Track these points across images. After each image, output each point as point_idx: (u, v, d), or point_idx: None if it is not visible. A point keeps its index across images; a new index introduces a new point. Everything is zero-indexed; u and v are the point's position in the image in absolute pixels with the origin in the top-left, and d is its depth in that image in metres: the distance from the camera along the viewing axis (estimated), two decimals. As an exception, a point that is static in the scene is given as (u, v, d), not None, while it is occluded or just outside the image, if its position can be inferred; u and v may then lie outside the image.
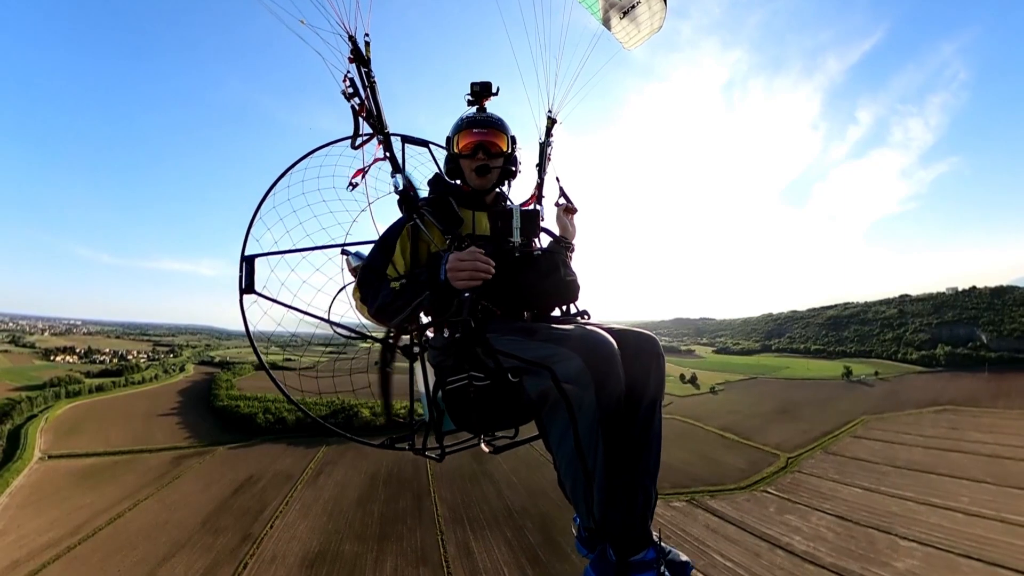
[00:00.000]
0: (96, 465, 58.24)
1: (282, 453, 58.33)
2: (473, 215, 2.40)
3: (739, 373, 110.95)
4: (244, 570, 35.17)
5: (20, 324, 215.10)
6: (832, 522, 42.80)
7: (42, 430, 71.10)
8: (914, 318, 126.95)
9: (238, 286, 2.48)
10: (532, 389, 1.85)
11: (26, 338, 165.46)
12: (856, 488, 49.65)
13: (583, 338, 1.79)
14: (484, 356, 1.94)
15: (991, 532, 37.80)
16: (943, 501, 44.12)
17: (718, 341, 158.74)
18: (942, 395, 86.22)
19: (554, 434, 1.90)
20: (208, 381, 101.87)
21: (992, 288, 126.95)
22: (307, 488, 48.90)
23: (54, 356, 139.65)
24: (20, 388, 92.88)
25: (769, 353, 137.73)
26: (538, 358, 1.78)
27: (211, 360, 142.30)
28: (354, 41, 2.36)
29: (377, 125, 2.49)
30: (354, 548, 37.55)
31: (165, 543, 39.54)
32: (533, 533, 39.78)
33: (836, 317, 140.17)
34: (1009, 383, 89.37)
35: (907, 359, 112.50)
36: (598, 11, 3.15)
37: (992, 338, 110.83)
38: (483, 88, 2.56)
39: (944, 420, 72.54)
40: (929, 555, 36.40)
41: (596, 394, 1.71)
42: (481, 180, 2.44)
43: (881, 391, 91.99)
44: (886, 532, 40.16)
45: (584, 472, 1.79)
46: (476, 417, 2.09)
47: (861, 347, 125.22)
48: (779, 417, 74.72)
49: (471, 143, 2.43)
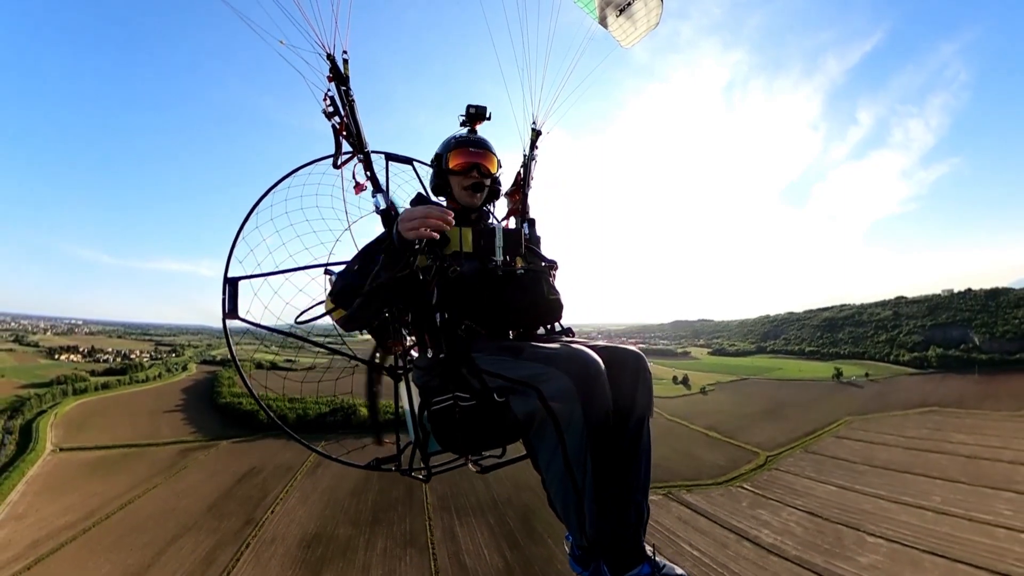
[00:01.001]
0: (106, 457, 61.97)
1: (283, 448, 61.75)
2: (460, 232, 2.39)
3: (732, 374, 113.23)
4: (247, 550, 38.80)
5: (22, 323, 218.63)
6: (802, 517, 44.85)
7: (52, 425, 74.57)
8: (908, 320, 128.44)
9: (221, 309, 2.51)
10: (519, 409, 1.86)
11: (29, 337, 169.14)
12: (830, 486, 51.42)
13: (569, 357, 1.81)
14: (469, 376, 1.97)
15: (958, 530, 39.42)
16: (915, 500, 45.76)
17: (715, 343, 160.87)
18: (930, 397, 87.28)
19: (543, 454, 1.88)
20: (210, 379, 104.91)
21: (987, 290, 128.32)
22: (306, 479, 52.46)
23: (58, 355, 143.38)
24: (28, 385, 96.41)
25: (764, 355, 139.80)
26: (525, 378, 1.82)
27: (213, 359, 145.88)
28: (333, 60, 2.37)
29: (357, 144, 2.49)
30: (348, 531, 41.08)
31: (173, 526, 43.16)
32: (514, 521, 43.08)
33: (831, 319, 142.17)
34: (998, 385, 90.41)
35: (899, 361, 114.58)
36: (594, 10, 3.18)
37: (984, 340, 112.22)
38: (479, 111, 2.66)
39: (928, 421, 73.66)
40: (894, 551, 38.01)
41: (584, 412, 1.73)
42: (471, 198, 2.52)
43: (870, 392, 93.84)
44: (854, 528, 41.87)
45: (574, 490, 1.80)
46: (462, 438, 2.09)
47: (855, 349, 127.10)
48: (765, 417, 77.03)
49: (466, 162, 2.50)
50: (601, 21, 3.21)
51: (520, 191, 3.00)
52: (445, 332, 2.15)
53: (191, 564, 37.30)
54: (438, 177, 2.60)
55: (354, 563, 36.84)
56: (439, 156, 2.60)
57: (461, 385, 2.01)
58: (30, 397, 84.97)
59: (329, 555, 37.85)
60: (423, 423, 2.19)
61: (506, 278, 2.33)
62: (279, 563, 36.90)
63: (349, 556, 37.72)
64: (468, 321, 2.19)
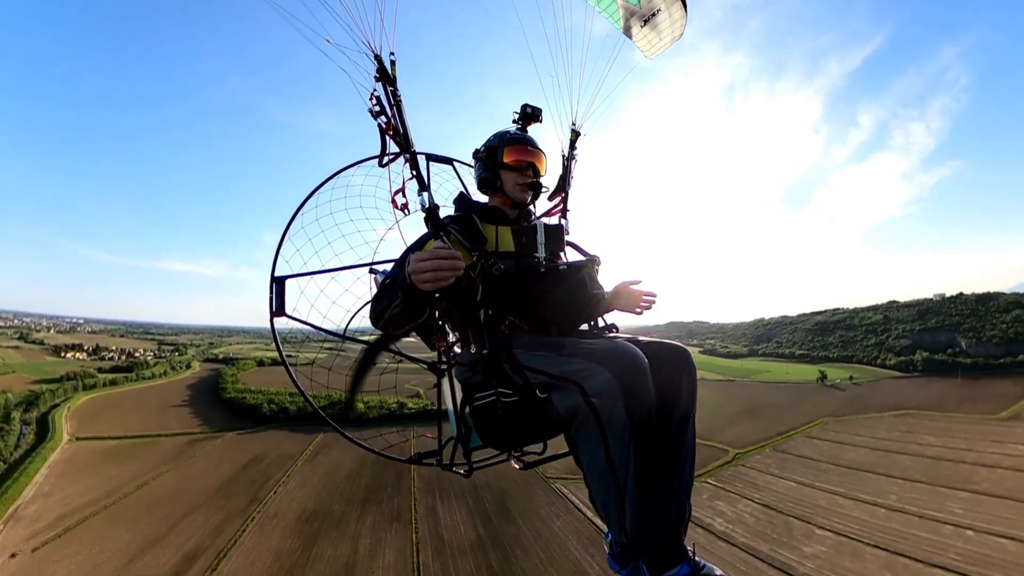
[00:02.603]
0: (119, 446, 68.21)
1: (285, 438, 67.89)
2: (497, 231, 2.48)
3: (719, 375, 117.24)
4: (251, 523, 44.85)
5: (24, 321, 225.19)
6: (757, 509, 47.11)
7: (66, 417, 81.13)
8: (898, 324, 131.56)
9: (269, 308, 2.59)
10: (561, 405, 1.86)
11: (33, 335, 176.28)
12: (790, 482, 53.38)
13: (612, 352, 1.83)
14: (511, 372, 2.01)
15: (906, 526, 41.11)
16: (871, 497, 47.34)
17: (707, 344, 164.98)
18: (910, 400, 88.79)
19: (584, 450, 1.89)
20: (214, 377, 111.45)
21: (978, 294, 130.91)
22: (306, 465, 58.46)
23: (64, 353, 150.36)
24: (39, 381, 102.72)
25: (755, 357, 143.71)
26: (566, 373, 1.84)
27: (215, 357, 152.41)
28: (380, 60, 2.44)
29: (404, 144, 2.54)
30: (342, 508, 47.06)
31: (185, 504, 49.17)
32: (490, 502, 48.70)
33: (823, 322, 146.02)
34: (978, 389, 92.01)
35: (885, 364, 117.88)
36: (619, 20, 3.26)
37: (971, 344, 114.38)
38: (534, 112, 2.77)
39: (902, 424, 74.74)
40: (839, 543, 39.67)
41: (626, 409, 1.74)
42: (524, 194, 2.60)
43: (851, 395, 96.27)
44: (806, 521, 43.84)
45: (615, 487, 1.81)
46: (504, 433, 2.13)
47: (844, 352, 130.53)
48: (742, 417, 79.96)
49: (524, 160, 2.59)
50: (626, 31, 3.29)
51: (562, 190, 3.09)
52: (488, 328, 2.21)
53: (202, 534, 43.28)
54: (489, 171, 2.64)
55: (346, 534, 42.87)
56: (493, 149, 2.65)
57: (503, 381, 2.05)
58: (43, 392, 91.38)
59: (324, 527, 43.87)
60: (465, 418, 2.24)
61: (549, 274, 2.39)
62: (280, 533, 42.94)
63: (341, 528, 43.77)
64: (511, 317, 2.27)
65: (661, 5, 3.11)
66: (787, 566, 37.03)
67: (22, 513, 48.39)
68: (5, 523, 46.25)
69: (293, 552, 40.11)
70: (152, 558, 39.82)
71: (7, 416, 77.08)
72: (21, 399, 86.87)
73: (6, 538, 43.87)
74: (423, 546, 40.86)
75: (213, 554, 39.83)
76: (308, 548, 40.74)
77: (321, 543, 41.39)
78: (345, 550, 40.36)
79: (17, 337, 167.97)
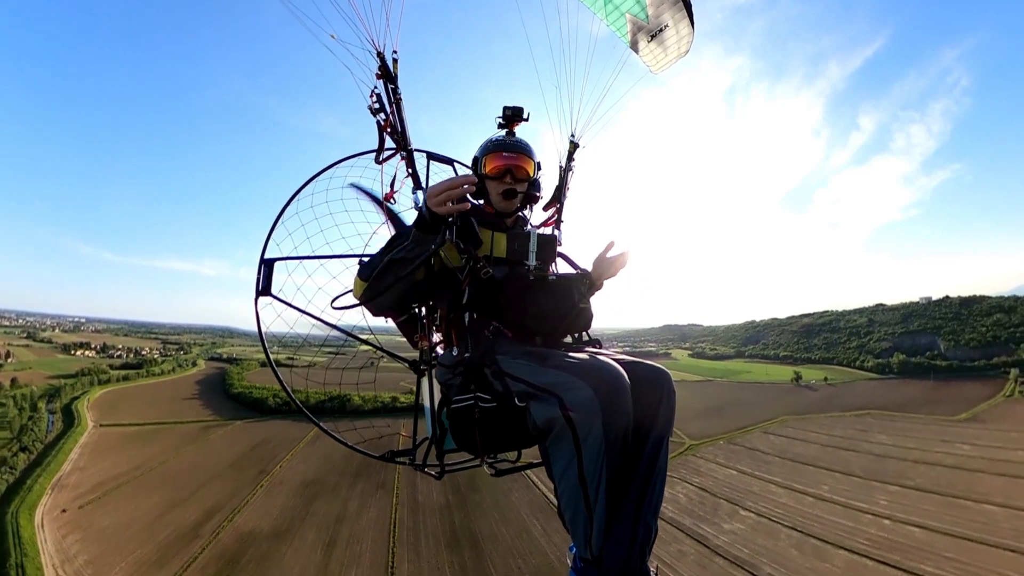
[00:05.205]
0: (141, 431, 78.95)
1: (289, 426, 78.08)
2: (492, 236, 2.50)
3: (701, 375, 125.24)
4: (260, 489, 55.33)
5: (29, 320, 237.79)
6: (692, 491, 51.89)
7: (87, 407, 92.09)
8: (881, 327, 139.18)
9: (255, 287, 2.69)
10: (539, 415, 1.89)
11: (40, 334, 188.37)
12: (732, 470, 58.59)
13: (595, 369, 1.87)
14: (492, 378, 2.06)
15: (827, 513, 44.34)
16: (804, 487, 50.95)
17: (698, 346, 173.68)
18: (876, 400, 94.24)
19: (558, 463, 1.92)
20: (220, 374, 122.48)
21: (963, 298, 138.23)
22: (307, 447, 68.85)
23: (74, 351, 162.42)
24: (55, 376, 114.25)
25: (741, 359, 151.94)
26: (547, 384, 1.87)
27: (220, 356, 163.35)
28: (382, 58, 2.54)
29: (401, 141, 2.64)
30: (336, 479, 57.38)
31: (203, 476, 59.68)
32: (463, 478, 58.22)
33: (810, 325, 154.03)
34: (946, 391, 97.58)
35: (863, 366, 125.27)
36: (626, 34, 3.34)
37: (949, 347, 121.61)
38: (515, 113, 2.72)
39: (859, 423, 79.81)
40: (759, 523, 43.39)
41: (604, 426, 1.78)
42: (506, 203, 2.61)
43: (822, 395, 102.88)
44: (734, 503, 47.83)
45: (585, 503, 1.86)
46: (479, 438, 2.18)
47: (826, 354, 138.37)
48: (709, 413, 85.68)
49: (500, 166, 2.58)
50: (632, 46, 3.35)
51: (557, 201, 3.12)
52: (472, 332, 2.27)
53: (219, 497, 53.75)
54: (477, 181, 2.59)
55: (338, 496, 53.39)
56: (477, 159, 2.69)
57: (483, 386, 2.11)
58: (63, 386, 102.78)
59: (321, 492, 54.34)
60: (442, 420, 2.30)
61: (537, 283, 2.43)
62: (284, 496, 53.46)
63: (335, 493, 54.28)
64: (496, 323, 2.33)
65: (669, 21, 3.24)
66: (703, 538, 41.73)
67: (65, 481, 59.07)
68: (52, 489, 56.89)
69: (295, 508, 50.63)
70: (178, 514, 50.20)
71: (34, 406, 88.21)
72: (43, 392, 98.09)
73: (55, 500, 54.48)
74: (401, 506, 51.17)
75: (230, 510, 50.28)
76: (307, 506, 51.28)
77: (317, 502, 51.81)
78: (337, 508, 50.76)
79: (25, 336, 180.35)
